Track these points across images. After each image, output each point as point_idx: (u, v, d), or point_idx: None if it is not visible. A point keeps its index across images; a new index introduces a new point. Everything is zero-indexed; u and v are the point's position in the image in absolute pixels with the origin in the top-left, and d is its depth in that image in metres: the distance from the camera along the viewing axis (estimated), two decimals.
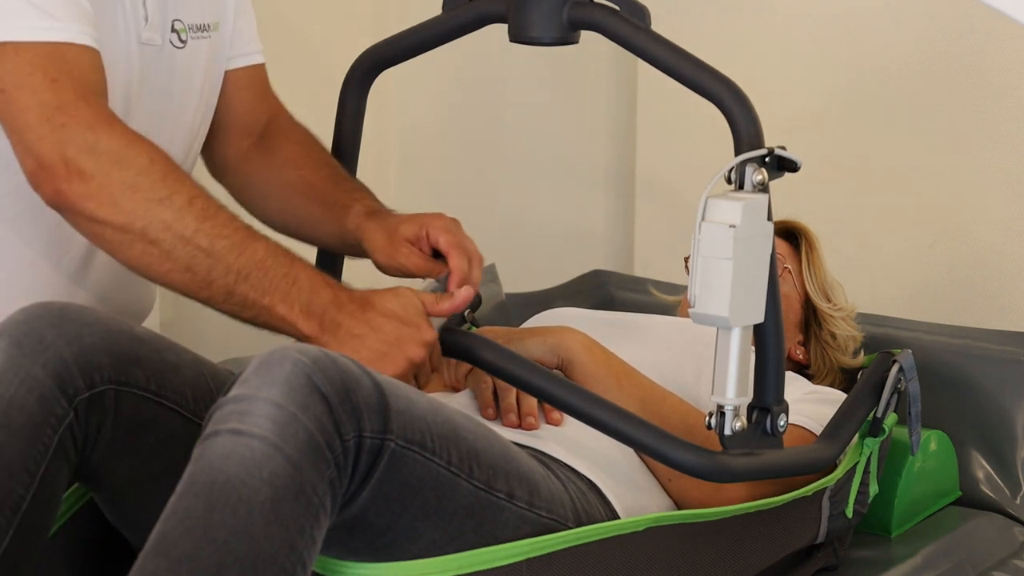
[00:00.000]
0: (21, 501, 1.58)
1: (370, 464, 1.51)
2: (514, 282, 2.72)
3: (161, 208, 1.69)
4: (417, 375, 1.71)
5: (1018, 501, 2.26)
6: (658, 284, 2.63)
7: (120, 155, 1.70)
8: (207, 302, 1.72)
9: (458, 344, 1.73)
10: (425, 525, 1.59)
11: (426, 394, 1.63)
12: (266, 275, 1.70)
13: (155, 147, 1.73)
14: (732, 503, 1.84)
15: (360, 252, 1.99)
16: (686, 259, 2.07)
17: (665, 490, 1.89)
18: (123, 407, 1.67)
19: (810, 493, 1.86)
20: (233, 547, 1.41)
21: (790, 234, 2.25)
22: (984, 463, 2.28)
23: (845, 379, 2.21)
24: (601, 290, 2.70)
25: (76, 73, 1.73)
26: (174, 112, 1.93)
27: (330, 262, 2.07)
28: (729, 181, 1.62)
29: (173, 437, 1.52)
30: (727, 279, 1.57)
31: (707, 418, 1.66)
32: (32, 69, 1.71)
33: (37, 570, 1.65)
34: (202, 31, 1.95)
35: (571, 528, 1.73)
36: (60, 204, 1.71)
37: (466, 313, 2.32)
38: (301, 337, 1.70)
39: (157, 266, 1.71)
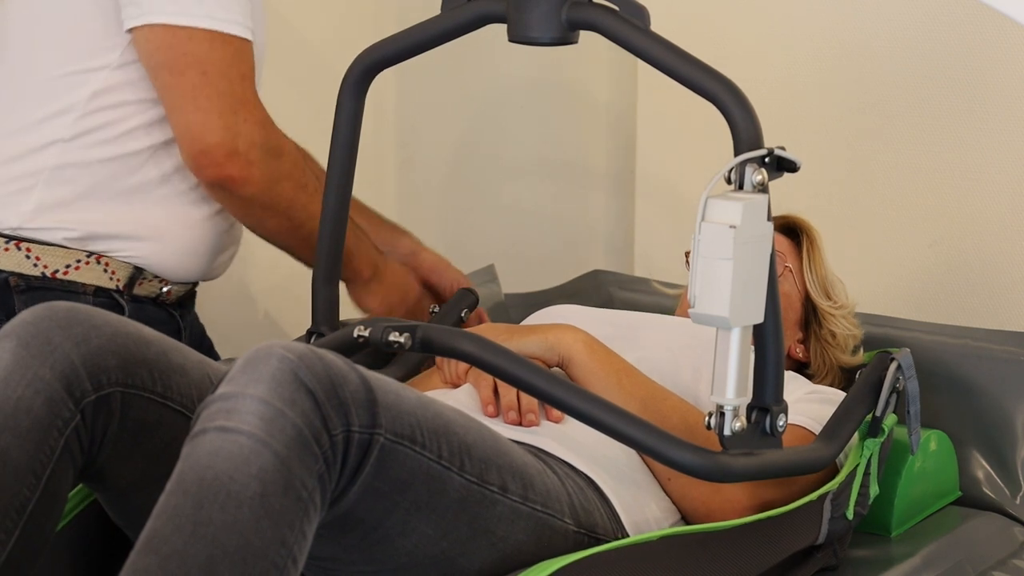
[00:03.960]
0: (27, 503, 1.59)
1: (360, 459, 1.52)
2: (514, 282, 2.72)
3: (302, 193, 2.07)
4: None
5: (1018, 501, 2.25)
6: (659, 282, 2.63)
7: (279, 149, 2.04)
8: (298, 251, 2.14)
9: (457, 343, 1.73)
10: (417, 519, 1.59)
11: (415, 389, 1.63)
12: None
13: (292, 140, 2.08)
14: (731, 503, 1.84)
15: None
16: (687, 254, 2.07)
17: (664, 489, 1.89)
18: (130, 409, 1.67)
19: (815, 498, 1.86)
20: (222, 542, 1.42)
21: (791, 230, 2.25)
22: (984, 463, 2.28)
23: (845, 378, 2.21)
24: (601, 290, 2.70)
25: (252, 71, 2.03)
26: None
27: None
28: (729, 181, 1.62)
29: (179, 439, 1.52)
30: (727, 279, 1.57)
31: (706, 418, 1.66)
32: (234, 61, 1.99)
33: (42, 570, 1.66)
34: None
35: (568, 524, 1.73)
36: (221, 185, 2.02)
37: (463, 313, 2.33)
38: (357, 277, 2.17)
39: (283, 234, 2.11)
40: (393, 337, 1.72)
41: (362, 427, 1.51)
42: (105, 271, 2.09)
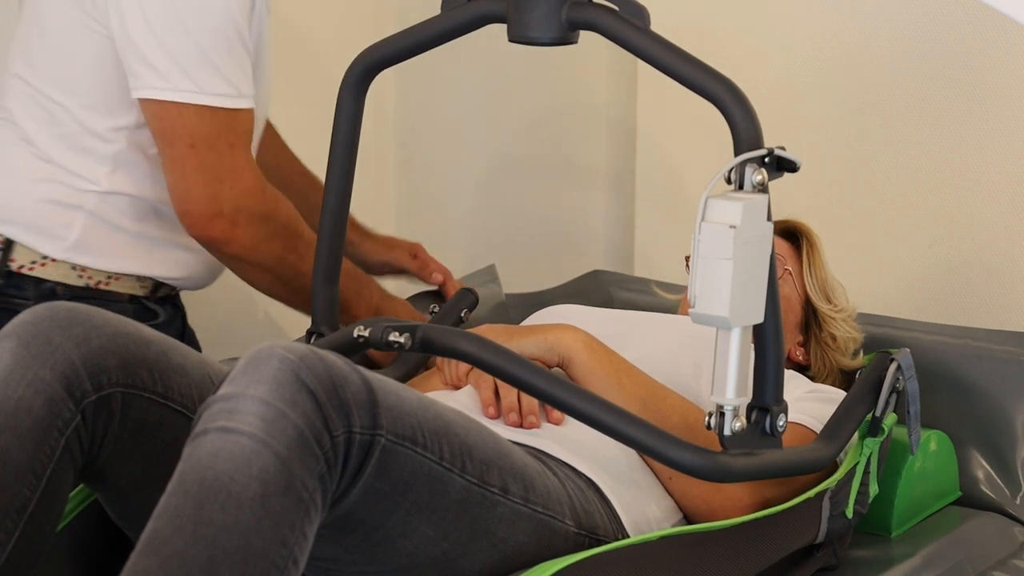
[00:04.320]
0: (27, 503, 1.59)
1: (361, 460, 1.51)
2: (514, 282, 2.71)
3: (291, 253, 2.16)
4: None
5: (1018, 501, 2.25)
6: (659, 284, 2.63)
7: (268, 214, 2.13)
8: (287, 302, 2.24)
9: (457, 343, 1.73)
10: (418, 520, 1.59)
11: (416, 391, 1.63)
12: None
13: (288, 202, 2.17)
14: (733, 501, 1.84)
15: None
16: (687, 258, 2.07)
17: (665, 489, 1.89)
18: (130, 409, 1.67)
19: (813, 496, 1.86)
20: (223, 543, 1.42)
21: (791, 234, 2.25)
22: (984, 463, 2.28)
23: (845, 380, 2.21)
24: (601, 290, 2.69)
25: (246, 138, 2.12)
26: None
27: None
28: (729, 181, 1.62)
29: (179, 439, 1.52)
30: (727, 279, 1.57)
31: (706, 418, 1.66)
32: (221, 133, 2.08)
33: (42, 570, 1.66)
34: None
35: (569, 525, 1.73)
36: (205, 243, 2.13)
37: (463, 313, 2.33)
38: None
39: (271, 287, 2.21)
40: (393, 337, 1.72)
41: (363, 428, 1.51)
42: (138, 281, 2.23)
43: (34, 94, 2.17)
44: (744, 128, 1.63)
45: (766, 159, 1.63)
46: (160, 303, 2.26)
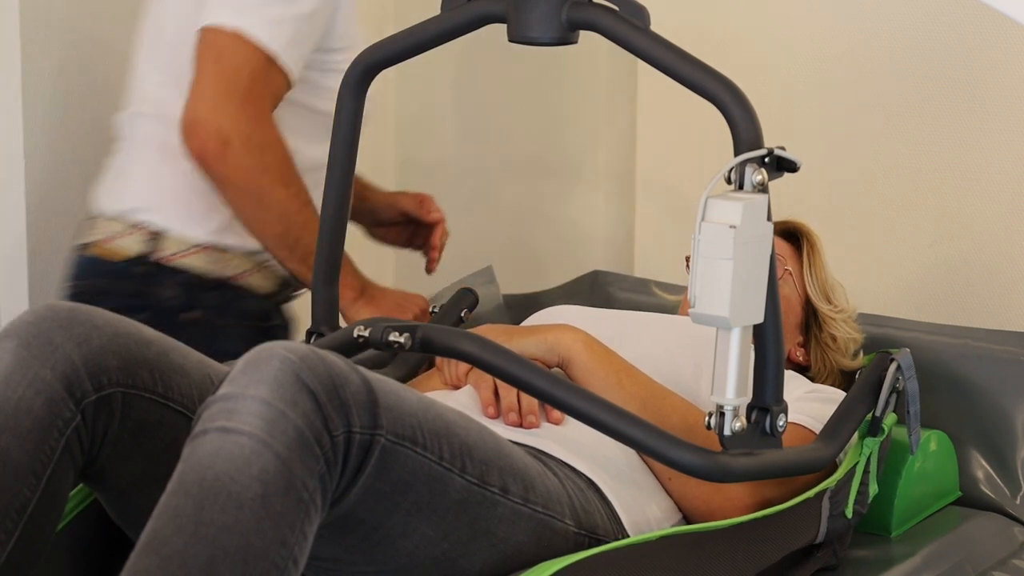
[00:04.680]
0: (27, 503, 1.59)
1: (361, 460, 1.51)
2: (513, 283, 2.71)
3: (282, 188, 2.21)
4: None
5: (1018, 501, 2.25)
6: (659, 284, 2.63)
7: (265, 144, 2.19)
8: (282, 256, 2.27)
9: (457, 343, 1.73)
10: (418, 520, 1.59)
11: (416, 391, 1.63)
12: None
13: (289, 152, 2.22)
14: (732, 501, 1.84)
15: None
16: (687, 258, 2.07)
17: (665, 489, 1.89)
18: (130, 410, 1.67)
19: (813, 495, 1.86)
20: (223, 543, 1.42)
21: (791, 234, 2.25)
22: (984, 463, 2.28)
23: (845, 380, 2.21)
24: (601, 290, 2.69)
25: (272, 89, 2.20)
26: None
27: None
28: (729, 181, 1.62)
29: (179, 439, 1.52)
30: (727, 279, 1.57)
31: (706, 418, 1.66)
32: (247, 62, 2.17)
33: (42, 570, 1.66)
34: None
35: (569, 525, 1.73)
36: (199, 158, 2.18)
37: (463, 313, 2.33)
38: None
39: (270, 236, 2.24)
40: (393, 337, 1.72)
41: (363, 428, 1.51)
42: (273, 276, 2.36)
43: (160, 108, 2.29)
44: (744, 128, 1.63)
45: (766, 159, 1.63)
46: (284, 304, 2.42)
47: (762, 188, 1.61)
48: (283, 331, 2.42)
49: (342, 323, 1.99)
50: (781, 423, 1.73)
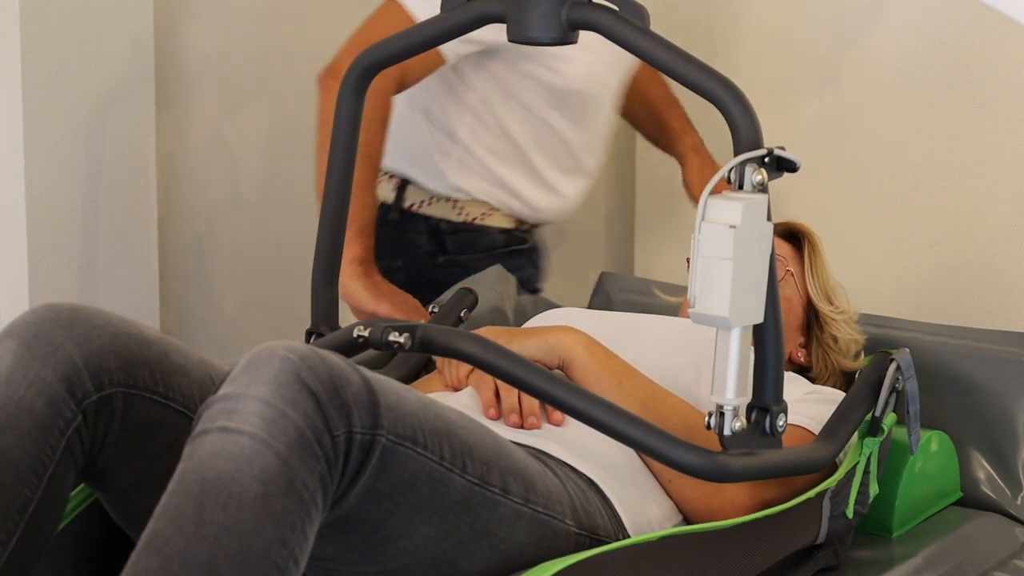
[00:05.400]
0: (28, 503, 1.59)
1: (361, 460, 1.51)
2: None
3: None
4: None
5: (1019, 502, 2.25)
6: (659, 285, 2.63)
7: (334, 72, 2.39)
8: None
9: (457, 343, 1.73)
10: (419, 520, 1.59)
11: (416, 391, 1.63)
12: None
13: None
14: (732, 502, 1.84)
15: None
16: (687, 259, 2.07)
17: (665, 490, 1.89)
18: (131, 410, 1.67)
19: (813, 496, 1.86)
20: (224, 543, 1.42)
21: (793, 235, 2.25)
22: (985, 463, 2.28)
23: (846, 382, 2.21)
24: (601, 291, 2.69)
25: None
26: None
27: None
28: (729, 181, 1.62)
29: (180, 439, 1.52)
30: (727, 279, 1.57)
31: (706, 418, 1.66)
32: (393, 25, 2.26)
33: (43, 570, 1.66)
34: None
35: (569, 525, 1.73)
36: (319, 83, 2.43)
37: (463, 313, 2.33)
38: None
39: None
40: (393, 337, 1.72)
41: (364, 428, 1.51)
42: (505, 217, 2.59)
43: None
44: (744, 128, 1.63)
45: (766, 159, 1.62)
46: (529, 232, 2.63)
47: (762, 188, 1.61)
48: (535, 253, 2.65)
49: (342, 323, 1.99)
50: (781, 423, 1.73)
